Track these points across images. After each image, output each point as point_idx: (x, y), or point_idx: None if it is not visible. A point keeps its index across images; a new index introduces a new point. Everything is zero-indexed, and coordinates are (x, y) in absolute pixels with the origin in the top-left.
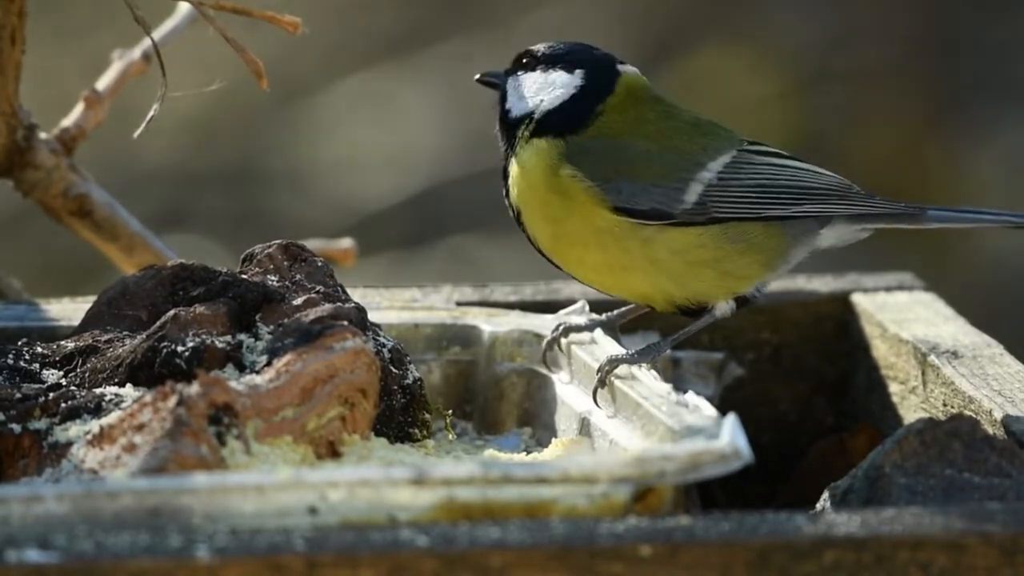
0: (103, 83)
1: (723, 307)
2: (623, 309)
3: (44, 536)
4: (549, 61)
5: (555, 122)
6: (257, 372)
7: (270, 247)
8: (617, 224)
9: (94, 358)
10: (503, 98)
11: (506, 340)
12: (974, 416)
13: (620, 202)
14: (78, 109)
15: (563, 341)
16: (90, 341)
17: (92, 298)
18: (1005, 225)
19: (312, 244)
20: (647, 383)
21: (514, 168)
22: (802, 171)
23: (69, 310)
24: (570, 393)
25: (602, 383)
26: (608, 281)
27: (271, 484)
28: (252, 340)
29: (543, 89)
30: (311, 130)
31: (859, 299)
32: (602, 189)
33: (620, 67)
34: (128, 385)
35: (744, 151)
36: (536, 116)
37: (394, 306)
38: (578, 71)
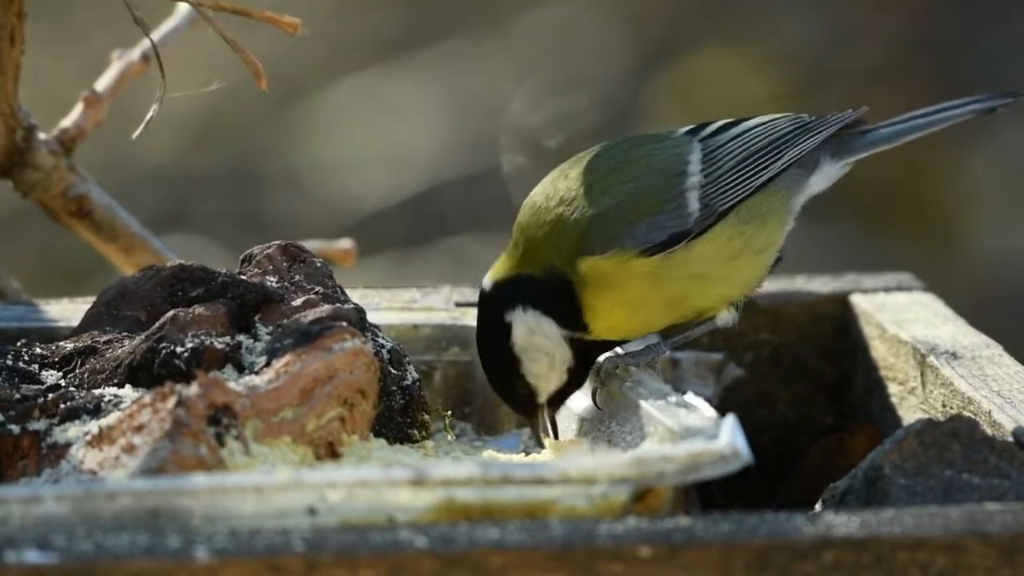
0: (102, 83)
1: (725, 316)
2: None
3: (43, 537)
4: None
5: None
6: (256, 373)
7: (269, 248)
8: (653, 265)
9: (93, 359)
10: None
11: None
12: (973, 417)
13: (642, 244)
14: (77, 109)
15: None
16: (89, 342)
17: (91, 299)
18: (973, 114)
19: (311, 245)
20: (646, 384)
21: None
22: (761, 127)
23: (68, 311)
24: None
25: (601, 384)
26: (675, 315)
27: (270, 485)
28: (251, 341)
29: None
30: (310, 130)
31: (858, 299)
32: (620, 247)
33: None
34: (127, 386)
35: (706, 139)
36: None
37: (393, 307)
38: (520, 312)
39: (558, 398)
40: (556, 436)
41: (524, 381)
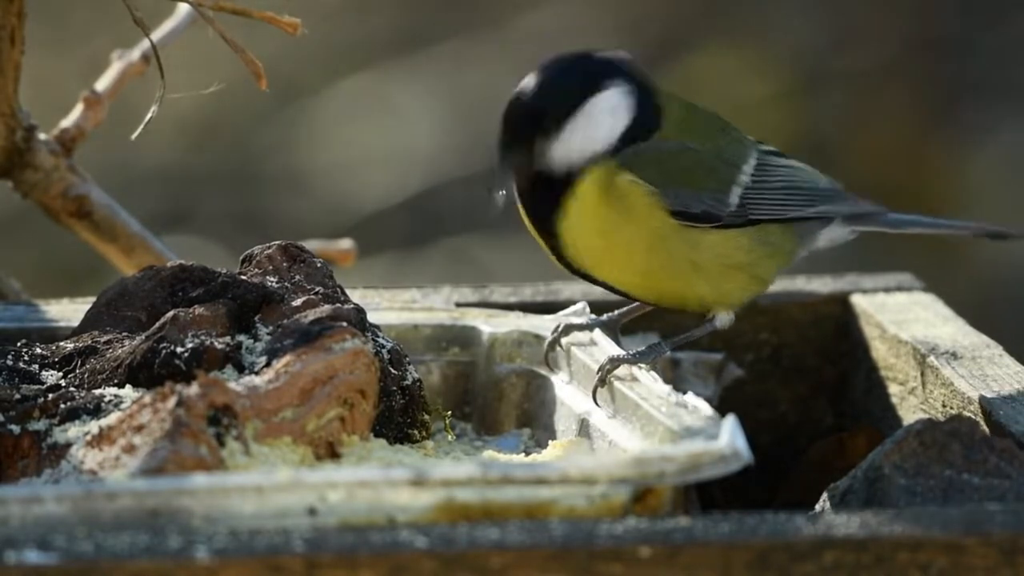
0: (102, 84)
1: (723, 318)
2: (623, 309)
3: (43, 537)
4: (575, 102)
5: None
6: (256, 373)
7: (269, 248)
8: (671, 227)
9: (93, 359)
10: (543, 164)
11: (505, 341)
12: (973, 417)
13: (677, 206)
14: (77, 110)
15: (563, 341)
16: (89, 342)
17: (91, 299)
18: (977, 234)
19: (311, 245)
20: (647, 384)
21: (572, 203)
22: (809, 173)
23: (68, 311)
24: (569, 394)
25: (602, 384)
26: (648, 285)
27: (270, 485)
28: (251, 341)
29: (599, 131)
30: (310, 131)
31: (858, 300)
32: (661, 194)
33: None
34: (127, 386)
35: (763, 152)
36: (612, 151)
37: (393, 307)
38: (615, 90)
39: (522, 184)
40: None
41: (552, 131)
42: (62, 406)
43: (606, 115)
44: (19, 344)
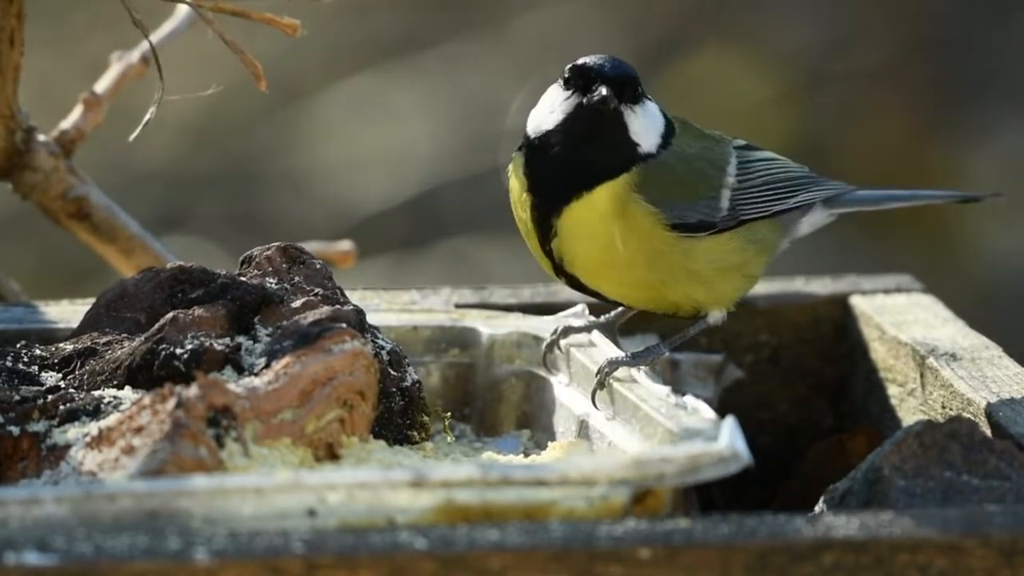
0: (102, 85)
1: (716, 315)
2: (620, 310)
3: (43, 538)
4: (642, 94)
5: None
6: (256, 374)
7: (269, 249)
8: (669, 241)
9: (93, 360)
10: (623, 129)
11: (505, 342)
12: (973, 418)
13: (675, 219)
14: (77, 111)
15: (562, 343)
16: (89, 343)
17: (91, 300)
18: (958, 200)
19: (311, 246)
20: (646, 385)
21: (586, 202)
22: (784, 163)
23: (68, 312)
24: (569, 395)
25: (601, 385)
26: (645, 296)
27: (270, 486)
28: (251, 342)
29: (653, 123)
30: (310, 132)
31: (858, 301)
32: (660, 211)
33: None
34: (127, 387)
35: (740, 149)
36: (653, 153)
37: (393, 308)
38: (654, 104)
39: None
40: None
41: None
42: (61, 407)
43: (656, 122)
44: (19, 345)
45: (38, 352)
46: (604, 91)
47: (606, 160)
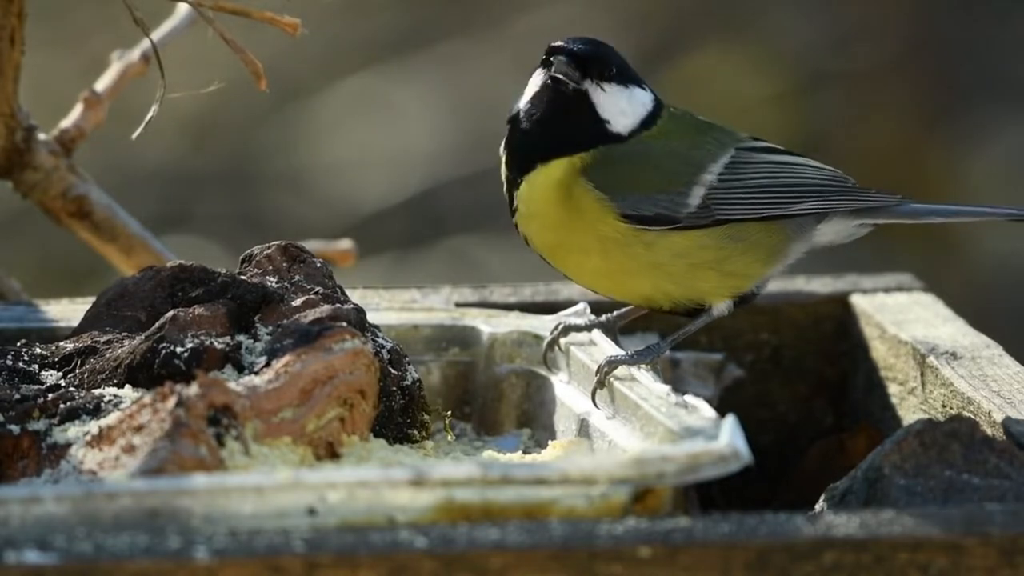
0: (102, 84)
1: (720, 307)
2: (623, 311)
3: (43, 537)
4: (625, 76)
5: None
6: (256, 373)
7: (269, 248)
8: (622, 231)
9: (93, 359)
10: (588, 106)
11: (505, 341)
12: (973, 417)
13: (626, 209)
14: (77, 110)
15: (562, 341)
16: (89, 342)
17: (91, 299)
18: (1007, 218)
19: (311, 245)
20: (646, 384)
21: (538, 176)
22: (801, 167)
23: (68, 311)
24: (569, 394)
25: (601, 384)
26: (608, 285)
27: (270, 485)
28: (251, 341)
29: (632, 106)
30: (310, 131)
31: (858, 300)
32: (610, 198)
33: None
34: (127, 386)
35: (743, 150)
36: (624, 135)
37: (393, 307)
38: (645, 91)
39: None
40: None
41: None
42: (62, 406)
43: (637, 105)
44: (19, 344)
45: (38, 351)
46: (561, 64)
47: (565, 135)
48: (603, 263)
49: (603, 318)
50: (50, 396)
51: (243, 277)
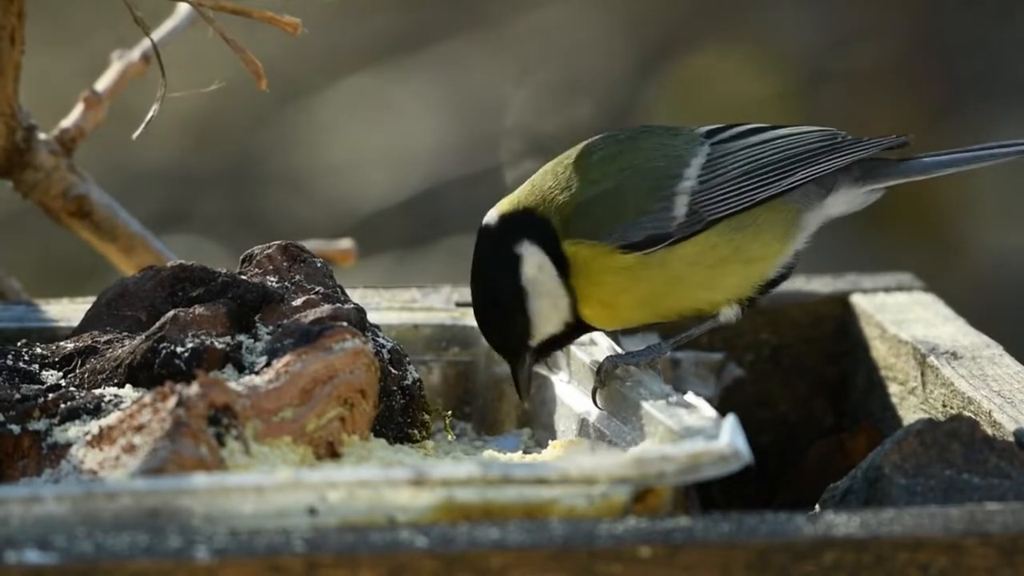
0: (102, 84)
1: (727, 312)
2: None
3: (43, 537)
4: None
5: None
6: (256, 373)
7: (269, 248)
8: (629, 262)
9: (93, 359)
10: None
11: None
12: (973, 417)
13: (619, 241)
14: (77, 110)
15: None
16: (89, 342)
17: (91, 299)
18: (1020, 155)
19: (311, 245)
20: (647, 384)
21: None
22: (784, 139)
23: (68, 311)
24: (569, 394)
25: (601, 383)
26: (652, 312)
27: (270, 485)
28: (251, 341)
29: (541, 288)
30: (310, 131)
31: (858, 300)
32: (600, 239)
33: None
34: (127, 386)
35: (718, 143)
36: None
37: (393, 307)
38: (531, 247)
39: (548, 347)
40: (528, 393)
41: (525, 317)
42: (62, 406)
43: (543, 273)
44: (19, 344)
45: (39, 350)
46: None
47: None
48: (635, 298)
49: None
50: (50, 396)
51: (243, 277)
